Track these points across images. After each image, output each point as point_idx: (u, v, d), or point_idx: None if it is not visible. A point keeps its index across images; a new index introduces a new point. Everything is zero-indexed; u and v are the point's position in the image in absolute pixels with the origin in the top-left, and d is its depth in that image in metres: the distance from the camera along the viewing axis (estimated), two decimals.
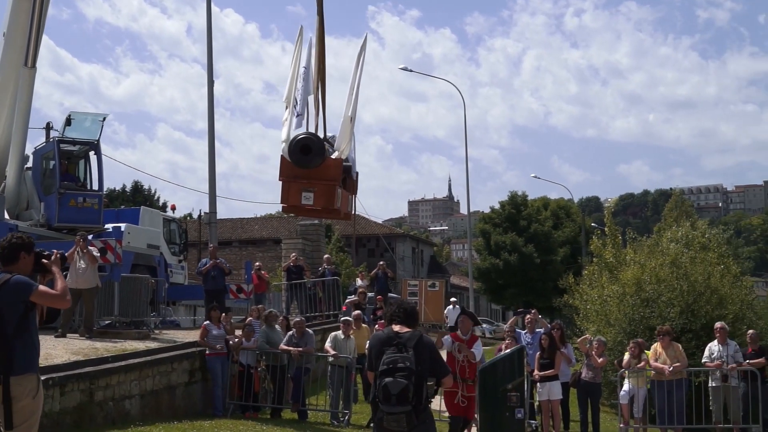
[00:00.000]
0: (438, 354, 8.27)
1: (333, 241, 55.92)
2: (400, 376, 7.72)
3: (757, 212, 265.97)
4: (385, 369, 7.83)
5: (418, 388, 7.77)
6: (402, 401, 7.70)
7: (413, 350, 7.88)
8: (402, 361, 7.79)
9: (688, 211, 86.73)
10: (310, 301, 27.90)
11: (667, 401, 17.61)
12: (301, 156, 8.93)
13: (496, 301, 72.70)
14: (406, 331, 8.09)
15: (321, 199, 9.07)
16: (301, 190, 9.13)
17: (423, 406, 7.88)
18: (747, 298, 28.01)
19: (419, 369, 7.81)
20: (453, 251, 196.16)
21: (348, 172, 9.84)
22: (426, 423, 8.05)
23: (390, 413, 7.76)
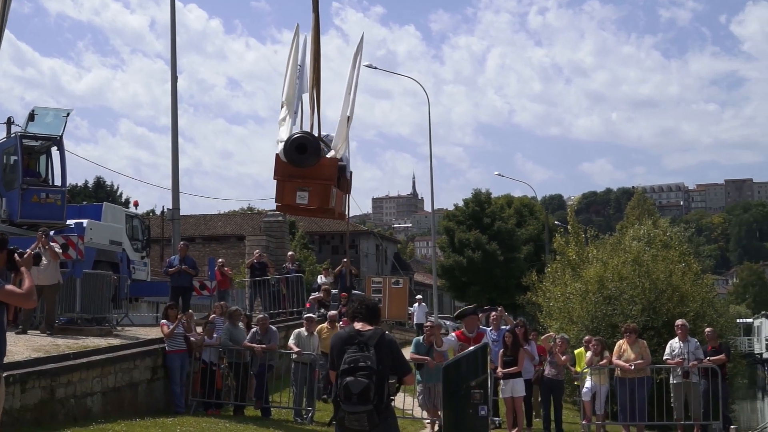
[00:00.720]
0: (400, 352, 8.23)
1: (297, 238, 55.77)
2: (361, 376, 7.68)
3: (718, 211, 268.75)
4: (346, 368, 7.77)
5: (379, 387, 7.74)
6: (363, 400, 7.66)
7: (374, 349, 7.83)
8: (363, 360, 7.75)
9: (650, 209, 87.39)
10: (273, 298, 27.79)
11: (629, 398, 17.73)
12: (296, 155, 8.86)
13: (460, 299, 72.76)
14: (368, 329, 8.04)
15: (316, 199, 9.01)
16: (296, 189, 9.07)
17: (385, 405, 7.84)
18: (707, 295, 28.34)
19: (380, 368, 7.78)
20: (417, 248, 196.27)
21: (342, 172, 9.78)
22: (388, 421, 8.02)
23: (351, 412, 7.72)
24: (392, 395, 8.05)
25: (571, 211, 42.37)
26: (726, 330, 29.60)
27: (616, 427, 18.99)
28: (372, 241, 79.85)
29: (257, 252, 30.12)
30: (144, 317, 30.38)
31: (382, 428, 7.91)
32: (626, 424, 18.21)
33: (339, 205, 9.67)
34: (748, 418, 36.32)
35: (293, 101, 10.22)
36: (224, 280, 27.41)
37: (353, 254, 70.43)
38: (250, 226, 60.48)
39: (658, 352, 20.31)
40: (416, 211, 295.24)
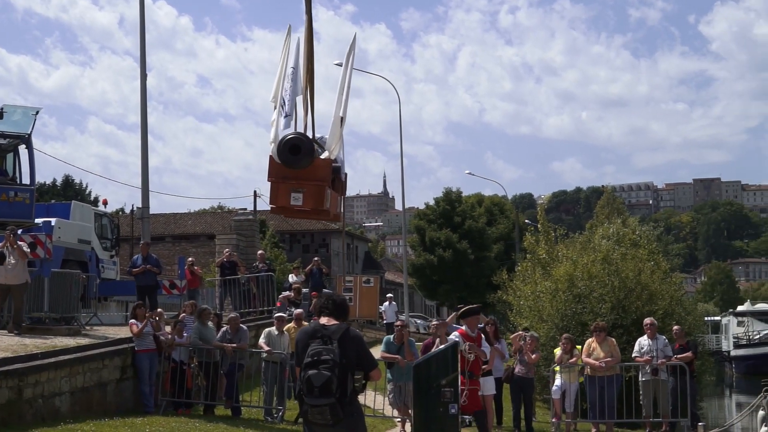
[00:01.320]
0: (365, 347, 8.20)
1: (267, 237, 55.65)
2: (324, 368, 7.66)
3: (687, 210, 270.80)
4: (309, 361, 7.76)
5: (342, 381, 7.71)
6: (325, 393, 7.63)
7: (338, 342, 7.82)
8: (326, 353, 7.73)
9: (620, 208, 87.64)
10: (243, 297, 27.74)
11: (599, 396, 17.83)
12: (290, 156, 8.82)
13: (431, 297, 72.95)
14: (333, 324, 8.03)
15: (310, 200, 8.97)
16: (290, 190, 9.03)
17: (348, 399, 7.82)
18: (676, 294, 28.50)
19: (344, 361, 7.75)
20: (388, 247, 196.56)
21: (337, 173, 9.75)
22: (354, 416, 8.00)
23: (314, 406, 7.71)
24: (359, 391, 8.04)
25: (541, 209, 42.42)
26: (694, 328, 29.81)
27: (586, 424, 19.09)
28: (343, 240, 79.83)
29: (227, 251, 30.05)
30: (113, 317, 30.24)
31: (346, 423, 7.89)
32: (596, 421, 18.31)
33: (334, 207, 9.66)
34: (715, 415, 36.54)
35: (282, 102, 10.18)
36: (194, 279, 27.30)
37: (324, 253, 70.41)
38: (220, 225, 60.31)
39: (627, 350, 20.42)
40: (387, 210, 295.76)
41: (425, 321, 64.22)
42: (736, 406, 40.92)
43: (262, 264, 28.93)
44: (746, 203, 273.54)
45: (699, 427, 18.51)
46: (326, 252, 73.42)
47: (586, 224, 49.00)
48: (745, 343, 64.19)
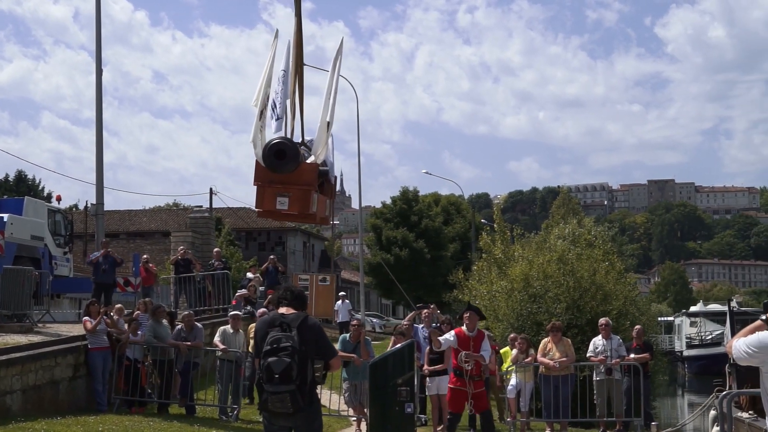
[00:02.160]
0: (324, 335, 8.22)
1: (223, 235, 55.39)
2: (284, 355, 7.69)
3: (641, 210, 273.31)
4: (269, 349, 7.78)
5: (302, 368, 7.74)
6: (285, 380, 7.65)
7: (297, 330, 7.84)
8: (286, 340, 7.76)
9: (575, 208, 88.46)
10: (199, 294, 27.60)
11: (554, 395, 17.90)
12: (275, 161, 8.79)
13: (387, 296, 72.97)
14: (292, 313, 8.06)
15: (296, 204, 8.96)
16: (276, 195, 9.01)
17: (309, 387, 7.84)
18: (630, 294, 28.70)
19: (303, 348, 7.77)
20: (344, 246, 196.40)
21: (325, 176, 9.74)
22: (313, 407, 8.03)
23: (274, 393, 7.70)
24: (318, 382, 8.03)
25: (497, 209, 42.69)
26: (648, 328, 30.00)
27: (540, 424, 19.16)
28: (299, 238, 79.64)
29: (182, 248, 29.89)
30: (66, 314, 29.97)
31: (306, 414, 7.92)
32: (550, 421, 18.38)
33: (322, 210, 9.65)
34: (668, 414, 36.89)
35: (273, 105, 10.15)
36: (149, 276, 27.11)
37: (280, 251, 70.19)
38: (175, 222, 59.98)
39: (582, 349, 20.52)
40: (344, 209, 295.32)
41: (381, 320, 64.30)
42: (689, 405, 41.30)
43: (217, 262, 28.81)
44: (699, 205, 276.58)
45: (652, 426, 18.66)
46: (282, 250, 73.21)
47: (542, 224, 49.23)
48: (698, 344, 64.83)
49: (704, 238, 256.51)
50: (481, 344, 15.14)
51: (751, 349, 5.34)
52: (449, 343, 15.40)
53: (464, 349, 14.96)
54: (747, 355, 5.40)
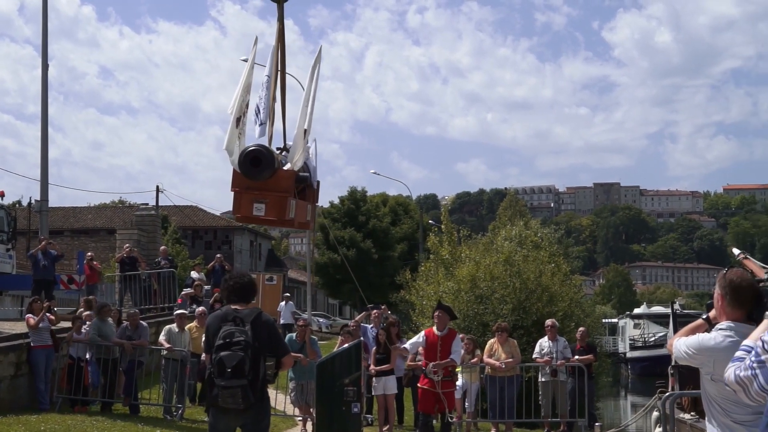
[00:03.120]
0: (277, 332, 8.22)
1: (169, 233, 55.03)
2: (237, 349, 7.65)
3: (587, 213, 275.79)
4: (221, 343, 7.74)
5: (254, 363, 7.70)
6: (237, 374, 7.60)
7: (251, 325, 7.81)
8: (239, 334, 7.72)
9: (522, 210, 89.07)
10: (144, 293, 27.41)
11: (499, 396, 17.99)
12: (251, 168, 8.83)
13: (334, 296, 73.02)
14: (245, 308, 8.03)
15: (273, 210, 8.98)
16: (252, 201, 9.04)
17: (260, 383, 7.80)
18: (576, 296, 28.98)
19: (256, 344, 7.74)
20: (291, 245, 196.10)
21: (305, 182, 9.78)
22: (263, 404, 8.01)
23: (225, 387, 7.64)
24: (270, 379, 8.00)
25: (444, 210, 42.79)
26: (592, 330, 30.28)
27: (486, 424, 19.25)
28: (246, 237, 79.36)
29: (127, 246, 29.63)
30: (8, 311, 29.58)
31: (256, 410, 7.89)
32: (495, 421, 18.48)
33: (302, 215, 9.66)
34: (611, 415, 37.25)
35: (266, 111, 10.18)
36: (93, 274, 26.86)
37: (227, 250, 69.87)
38: (121, 220, 59.53)
39: (528, 350, 20.65)
40: None
41: (328, 320, 64.24)
42: (632, 407, 41.73)
43: (164, 260, 28.62)
44: (644, 208, 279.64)
45: (596, 427, 18.80)
46: (229, 249, 72.92)
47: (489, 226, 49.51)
48: (641, 345, 65.56)
49: (648, 241, 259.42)
50: (451, 344, 14.92)
51: (691, 350, 5.38)
52: (418, 345, 15.36)
53: (432, 349, 14.86)
54: (686, 356, 5.44)
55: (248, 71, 10.06)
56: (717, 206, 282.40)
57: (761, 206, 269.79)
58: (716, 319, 5.53)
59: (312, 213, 10.19)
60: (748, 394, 3.56)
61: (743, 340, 5.08)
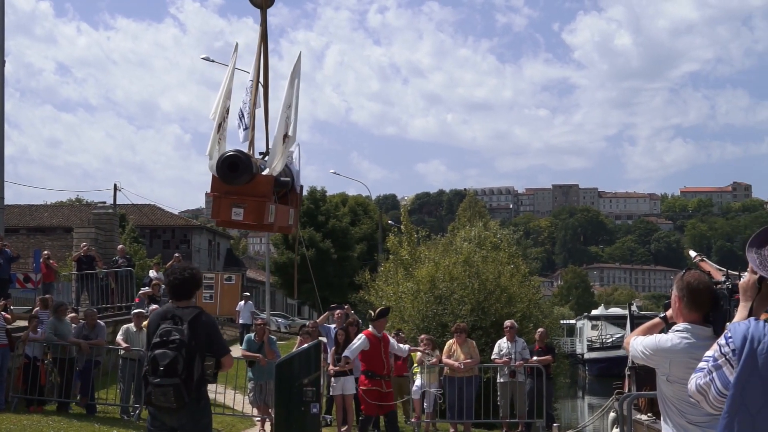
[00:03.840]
0: (218, 332, 8.14)
1: (127, 231, 54.63)
2: (171, 348, 7.61)
3: (545, 215, 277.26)
4: (157, 341, 7.71)
5: (189, 362, 7.64)
6: (170, 373, 7.55)
7: (189, 324, 7.75)
8: (175, 333, 7.68)
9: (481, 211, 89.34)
10: (101, 292, 27.20)
11: (458, 396, 18.04)
12: (228, 173, 8.85)
13: (292, 296, 72.80)
14: (186, 306, 7.99)
15: (251, 215, 9.01)
16: (231, 205, 9.07)
17: (196, 383, 7.71)
18: (534, 297, 29.10)
19: (192, 343, 7.68)
20: (250, 245, 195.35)
21: (286, 186, 9.82)
22: (200, 403, 7.90)
23: (158, 386, 7.60)
24: (209, 380, 7.95)
25: (404, 211, 42.80)
26: (550, 331, 30.47)
27: (445, 424, 19.29)
28: (205, 236, 79.00)
29: (84, 245, 29.37)
30: None
31: (191, 410, 7.80)
32: (454, 421, 18.52)
33: (283, 219, 9.69)
34: (569, 416, 37.45)
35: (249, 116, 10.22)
36: (49, 272, 26.62)
37: (185, 249, 69.51)
38: (78, 218, 58.92)
39: (486, 351, 20.73)
40: None
41: (286, 320, 64.08)
42: (589, 407, 41.96)
43: (121, 259, 28.43)
44: (602, 210, 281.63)
45: (554, 427, 18.92)
46: (187, 248, 72.52)
47: (449, 226, 49.60)
48: (599, 347, 65.99)
49: (606, 242, 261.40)
50: (388, 346, 15.25)
51: (648, 351, 5.42)
52: (362, 347, 15.40)
53: (376, 351, 15.00)
54: (643, 356, 5.48)
55: (229, 77, 10.12)
56: (674, 209, 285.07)
57: (718, 209, 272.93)
58: (673, 318, 5.58)
59: (295, 217, 10.24)
60: (708, 401, 3.58)
61: (699, 342, 5.13)
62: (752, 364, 3.29)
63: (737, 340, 3.41)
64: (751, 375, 3.29)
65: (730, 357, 3.44)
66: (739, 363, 3.35)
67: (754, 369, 3.29)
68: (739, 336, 3.41)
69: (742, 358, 3.34)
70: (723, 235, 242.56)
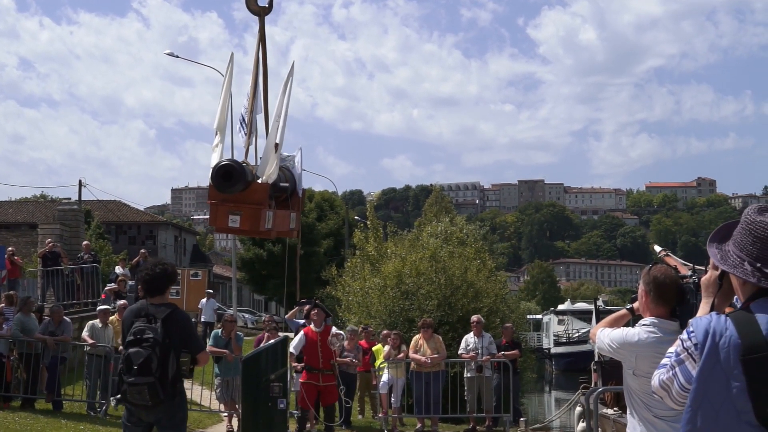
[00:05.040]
0: (192, 329, 8.25)
1: (93, 228, 54.29)
2: (145, 346, 7.68)
3: (511, 210, 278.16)
4: (131, 339, 7.78)
5: (163, 360, 7.71)
6: (144, 372, 7.63)
7: (162, 322, 7.82)
8: (149, 331, 7.74)
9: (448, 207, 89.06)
10: (67, 288, 27.05)
11: (425, 391, 18.09)
12: (222, 182, 8.92)
13: (259, 292, 72.58)
14: (160, 303, 8.04)
15: (248, 222, 9.12)
16: (228, 212, 9.14)
17: (171, 380, 7.79)
18: (501, 292, 29.19)
19: (167, 341, 7.75)
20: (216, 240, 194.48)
21: (285, 191, 9.89)
22: (175, 401, 7.97)
23: (132, 384, 7.68)
24: (185, 375, 8.00)
25: (370, 206, 42.87)
26: (517, 326, 30.59)
27: (412, 419, 19.34)
28: (171, 232, 78.65)
29: (50, 241, 29.18)
30: None
31: (167, 407, 7.87)
32: (421, 416, 18.58)
33: (282, 224, 9.79)
34: (536, 410, 37.61)
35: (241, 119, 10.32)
36: (14, 269, 26.46)
37: (151, 245, 69.18)
38: (43, 214, 58.40)
39: (453, 346, 20.77)
40: None
41: (253, 315, 63.94)
42: (555, 402, 42.17)
43: (86, 255, 28.27)
44: (568, 205, 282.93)
45: (521, 422, 19.01)
46: (153, 244, 72.16)
47: (415, 222, 49.74)
48: (565, 341, 66.29)
49: (572, 237, 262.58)
50: (327, 339, 15.66)
51: (614, 344, 5.45)
52: (301, 345, 15.77)
53: (313, 346, 15.39)
54: (610, 349, 5.51)
55: (226, 87, 10.25)
56: (639, 204, 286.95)
57: (682, 204, 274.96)
58: (639, 311, 5.63)
59: (297, 221, 10.33)
60: (671, 396, 3.62)
61: (666, 337, 5.18)
62: (714, 358, 3.33)
63: (699, 335, 3.44)
64: (713, 369, 3.33)
65: (692, 351, 3.48)
66: (701, 357, 3.39)
67: (716, 363, 3.33)
68: (701, 330, 3.45)
69: (704, 352, 3.37)
70: (688, 230, 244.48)
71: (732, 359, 3.23)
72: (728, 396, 3.24)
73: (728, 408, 3.24)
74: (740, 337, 3.23)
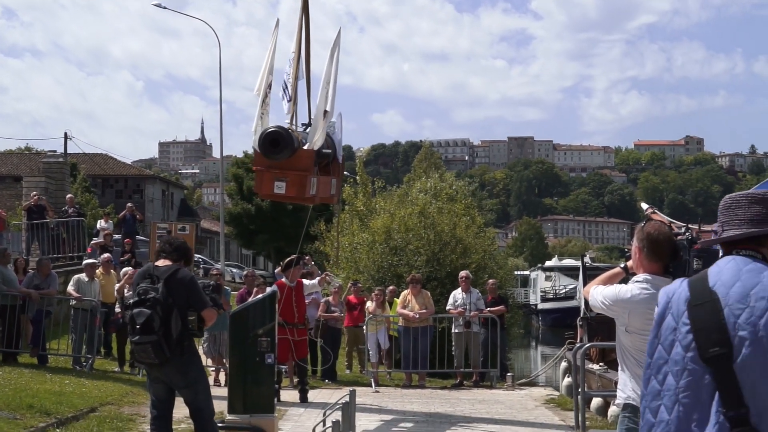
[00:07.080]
0: (196, 287, 8.31)
1: (78, 181, 54.03)
2: (147, 306, 7.87)
3: (501, 167, 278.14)
4: (135, 300, 8.00)
5: (166, 319, 7.88)
6: (146, 331, 7.83)
7: (164, 282, 8.00)
8: (151, 291, 7.94)
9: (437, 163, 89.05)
10: (52, 242, 26.87)
11: (413, 347, 18.08)
12: (270, 149, 8.80)
13: (247, 246, 72.55)
14: (165, 265, 8.22)
15: (293, 188, 9.08)
16: (274, 179, 9.04)
17: (177, 338, 7.96)
18: (489, 248, 29.18)
19: (169, 300, 7.92)
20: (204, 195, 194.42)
21: (327, 157, 9.78)
22: (184, 357, 8.14)
23: (137, 343, 7.94)
24: (195, 334, 8.25)
25: (360, 162, 42.68)
26: (505, 281, 30.58)
27: (399, 374, 19.35)
28: (158, 186, 78.40)
29: (35, 194, 28.95)
30: None
31: (176, 363, 8.09)
32: (409, 371, 18.58)
33: (325, 190, 9.74)
34: (522, 365, 37.77)
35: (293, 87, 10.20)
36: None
37: (138, 199, 68.94)
38: (27, 167, 58.09)
39: (441, 302, 20.76)
40: (204, 157, 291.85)
41: (241, 270, 63.92)
42: (542, 357, 42.35)
43: (72, 208, 28.05)
44: (557, 162, 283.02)
45: (507, 377, 19.02)
46: (140, 198, 71.89)
47: (404, 178, 49.57)
48: (552, 297, 66.62)
49: (560, 195, 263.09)
50: (302, 291, 15.53)
51: (607, 301, 5.42)
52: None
53: (287, 300, 15.18)
54: (603, 305, 5.48)
55: (271, 53, 10.18)
56: (628, 162, 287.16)
57: (670, 162, 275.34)
58: (633, 269, 5.57)
59: (337, 187, 10.28)
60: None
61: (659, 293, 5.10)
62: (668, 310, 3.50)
63: (661, 299, 3.53)
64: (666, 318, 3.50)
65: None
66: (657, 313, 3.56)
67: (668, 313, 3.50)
68: (662, 293, 3.60)
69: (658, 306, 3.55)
70: (675, 188, 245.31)
71: (681, 308, 3.42)
72: (676, 338, 3.40)
73: (677, 351, 3.38)
74: (689, 291, 3.44)
